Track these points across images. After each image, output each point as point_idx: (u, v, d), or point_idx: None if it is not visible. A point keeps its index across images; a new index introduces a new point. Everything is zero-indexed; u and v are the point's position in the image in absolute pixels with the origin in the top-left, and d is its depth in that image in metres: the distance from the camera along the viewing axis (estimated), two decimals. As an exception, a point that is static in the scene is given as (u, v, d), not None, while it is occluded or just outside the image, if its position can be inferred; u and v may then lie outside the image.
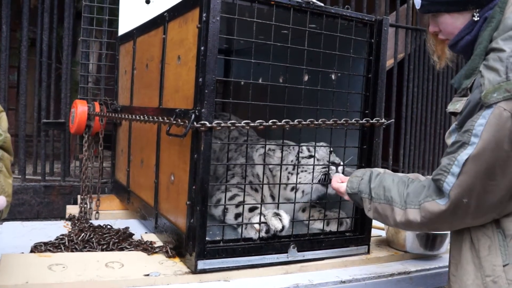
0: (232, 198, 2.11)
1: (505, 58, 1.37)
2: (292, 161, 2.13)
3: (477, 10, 1.55)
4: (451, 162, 1.40)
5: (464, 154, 1.37)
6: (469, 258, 1.48)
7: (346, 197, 1.80)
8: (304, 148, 2.14)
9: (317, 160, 2.10)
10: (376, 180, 1.68)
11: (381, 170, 1.76)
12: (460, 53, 1.69)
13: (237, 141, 2.54)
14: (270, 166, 2.19)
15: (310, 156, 2.12)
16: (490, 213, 1.43)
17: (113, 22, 3.17)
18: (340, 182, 1.86)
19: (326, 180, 2.04)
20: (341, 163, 2.07)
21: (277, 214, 1.83)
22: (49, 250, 1.87)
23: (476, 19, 1.55)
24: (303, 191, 2.13)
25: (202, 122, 1.63)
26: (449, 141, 1.51)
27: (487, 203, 1.40)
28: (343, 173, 2.04)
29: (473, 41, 1.56)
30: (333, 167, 2.04)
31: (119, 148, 2.82)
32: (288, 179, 2.13)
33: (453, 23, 1.60)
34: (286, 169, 2.14)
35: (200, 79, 1.65)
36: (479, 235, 1.46)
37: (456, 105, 1.54)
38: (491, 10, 1.52)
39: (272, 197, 2.24)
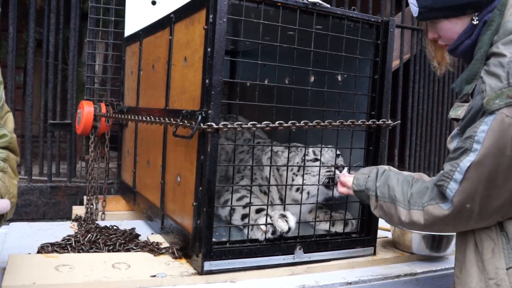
0: (240, 199, 2.11)
1: (506, 63, 1.36)
2: (298, 162, 2.13)
3: (476, 13, 1.53)
4: (453, 169, 1.41)
5: (466, 161, 1.38)
6: (473, 260, 1.48)
7: (351, 193, 1.81)
8: (310, 150, 2.13)
9: (323, 163, 2.10)
10: (382, 178, 1.69)
11: (386, 167, 1.77)
12: (460, 58, 1.67)
13: (250, 143, 2.54)
14: (278, 166, 2.19)
15: (315, 159, 2.12)
16: (495, 216, 1.43)
17: (119, 23, 3.18)
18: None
19: (330, 183, 2.04)
20: (346, 166, 2.07)
21: (283, 216, 1.83)
22: (56, 251, 1.87)
23: (475, 22, 1.53)
24: (308, 192, 2.13)
25: (209, 123, 1.63)
26: (451, 146, 1.51)
27: (491, 208, 1.40)
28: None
29: (473, 45, 1.54)
30: (338, 171, 2.04)
31: (125, 149, 2.83)
32: (293, 180, 2.13)
33: (452, 28, 1.58)
34: (291, 170, 2.14)
35: (207, 80, 1.65)
36: (483, 237, 1.46)
37: (458, 111, 1.53)
38: (490, 13, 1.50)
39: (281, 199, 2.24)
